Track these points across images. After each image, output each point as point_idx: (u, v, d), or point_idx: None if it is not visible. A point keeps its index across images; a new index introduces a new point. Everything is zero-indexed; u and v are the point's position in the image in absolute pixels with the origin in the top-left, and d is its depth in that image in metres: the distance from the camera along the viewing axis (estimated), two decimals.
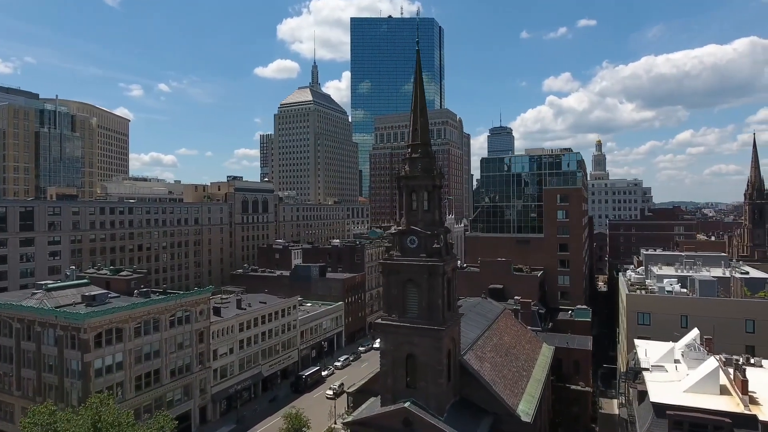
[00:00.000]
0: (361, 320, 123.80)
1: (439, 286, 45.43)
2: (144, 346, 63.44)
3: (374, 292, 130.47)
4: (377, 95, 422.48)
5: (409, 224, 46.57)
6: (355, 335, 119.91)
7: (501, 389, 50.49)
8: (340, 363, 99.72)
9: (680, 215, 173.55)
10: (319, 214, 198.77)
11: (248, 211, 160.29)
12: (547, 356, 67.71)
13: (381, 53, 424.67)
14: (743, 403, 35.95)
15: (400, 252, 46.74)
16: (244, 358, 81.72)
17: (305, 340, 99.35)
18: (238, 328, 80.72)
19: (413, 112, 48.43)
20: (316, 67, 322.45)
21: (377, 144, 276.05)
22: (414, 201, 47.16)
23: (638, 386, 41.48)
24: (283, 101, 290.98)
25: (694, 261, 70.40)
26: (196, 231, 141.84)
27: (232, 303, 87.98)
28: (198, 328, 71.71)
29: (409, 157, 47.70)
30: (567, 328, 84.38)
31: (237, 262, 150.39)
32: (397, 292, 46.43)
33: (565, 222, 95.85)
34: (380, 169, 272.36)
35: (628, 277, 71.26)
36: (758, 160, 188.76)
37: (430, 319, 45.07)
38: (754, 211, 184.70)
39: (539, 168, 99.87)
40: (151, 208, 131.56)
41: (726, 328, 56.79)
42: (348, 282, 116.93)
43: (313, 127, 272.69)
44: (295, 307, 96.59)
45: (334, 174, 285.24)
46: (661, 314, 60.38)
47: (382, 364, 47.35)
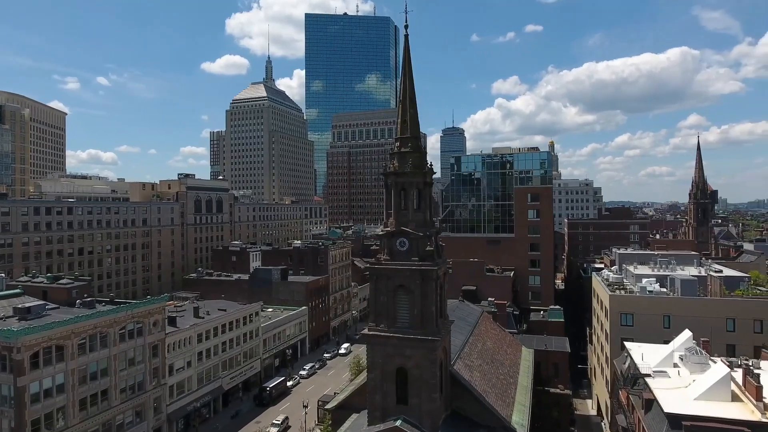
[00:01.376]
0: (326, 325, 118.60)
1: (432, 292, 41.68)
2: (89, 365, 55.91)
3: (338, 295, 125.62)
4: (331, 94, 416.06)
5: (399, 225, 42.50)
6: (319, 341, 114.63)
7: (493, 400, 47.43)
8: (306, 371, 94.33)
9: (634, 215, 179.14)
10: (277, 214, 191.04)
11: (201, 211, 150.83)
12: (528, 360, 65.64)
13: (335, 51, 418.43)
14: (759, 411, 34.34)
15: (389, 255, 42.60)
16: (203, 372, 74.95)
17: (268, 348, 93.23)
18: (197, 339, 73.87)
19: (401, 102, 44.42)
20: (271, 63, 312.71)
21: (335, 142, 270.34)
22: (404, 200, 43.19)
23: (644, 394, 39.30)
24: (235, 97, 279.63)
25: (669, 260, 70.59)
26: (145, 233, 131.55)
27: (188, 311, 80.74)
28: (152, 341, 64.53)
29: (397, 152, 43.64)
30: (542, 330, 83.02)
31: (190, 266, 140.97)
32: (386, 300, 42.27)
33: (536, 221, 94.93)
34: (338, 168, 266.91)
35: (606, 277, 70.49)
36: (702, 162, 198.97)
37: (424, 328, 41.22)
38: (698, 210, 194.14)
39: (510, 167, 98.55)
40: (93, 208, 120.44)
41: (708, 328, 56.38)
42: (312, 285, 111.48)
43: (267, 124, 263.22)
44: (257, 314, 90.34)
45: (289, 173, 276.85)
46: (644, 315, 59.59)
47: (370, 378, 43.07)
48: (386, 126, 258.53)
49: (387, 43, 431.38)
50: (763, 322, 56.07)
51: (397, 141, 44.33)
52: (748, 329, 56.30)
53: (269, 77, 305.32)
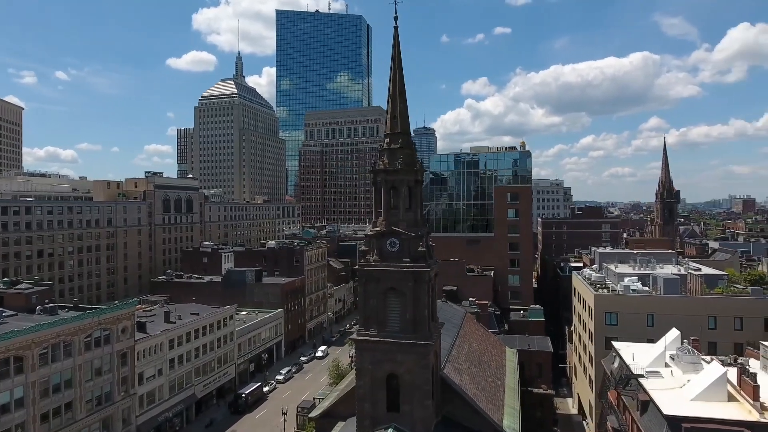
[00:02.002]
0: (301, 327, 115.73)
1: (425, 294, 40.06)
2: (52, 376, 51.94)
3: (314, 296, 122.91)
4: (302, 92, 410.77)
5: (389, 225, 40.68)
6: (295, 344, 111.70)
7: (484, 404, 46.23)
8: (283, 376, 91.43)
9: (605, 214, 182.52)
10: (249, 214, 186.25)
11: (170, 210, 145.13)
12: (513, 361, 64.97)
13: (306, 49, 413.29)
14: (756, 410, 34.06)
15: (379, 257, 40.73)
16: (175, 379, 71.30)
17: (243, 353, 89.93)
18: (168, 345, 70.17)
19: (391, 97, 42.58)
20: (241, 59, 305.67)
21: (307, 141, 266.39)
22: (394, 198, 41.41)
23: (639, 395, 38.69)
24: (204, 93, 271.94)
25: (648, 259, 71.24)
26: (110, 233, 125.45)
27: (158, 316, 76.86)
28: (120, 348, 60.72)
29: (387, 148, 41.80)
30: (523, 329, 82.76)
31: (158, 268, 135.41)
32: (376, 303, 40.39)
33: (516, 221, 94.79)
34: (311, 167, 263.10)
35: (587, 276, 70.54)
36: (668, 163, 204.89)
37: (416, 332, 39.55)
38: (664, 210, 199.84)
39: (489, 166, 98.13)
40: (53, 208, 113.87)
41: (690, 326, 56.65)
42: (287, 287, 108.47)
43: (237, 122, 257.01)
44: (231, 318, 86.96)
45: (260, 171, 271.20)
46: (628, 313, 59.62)
47: (359, 385, 41.09)
48: (360, 125, 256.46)
49: (359, 42, 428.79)
50: (743, 319, 56.87)
51: (386, 137, 42.49)
52: (729, 327, 56.97)
53: (239, 74, 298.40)
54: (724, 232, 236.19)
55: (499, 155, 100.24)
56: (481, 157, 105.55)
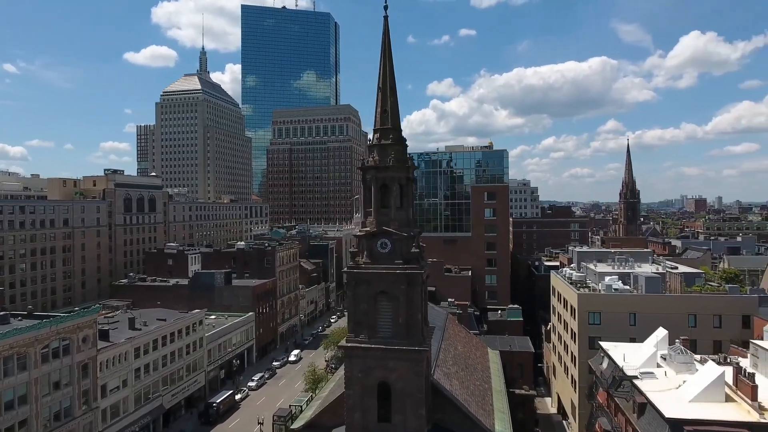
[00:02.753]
0: (273, 331, 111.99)
1: (418, 297, 38.18)
2: (4, 392, 47.27)
3: (285, 298, 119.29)
4: (268, 89, 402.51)
5: (380, 225, 38.57)
6: (267, 348, 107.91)
7: (475, 409, 44.79)
8: (255, 383, 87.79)
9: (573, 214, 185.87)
10: (215, 214, 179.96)
11: (132, 210, 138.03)
12: (496, 363, 64.02)
13: (273, 46, 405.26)
14: (755, 411, 33.75)
15: (370, 258, 38.56)
16: (141, 390, 66.86)
17: (213, 359, 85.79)
18: (133, 354, 65.69)
19: (381, 90, 40.46)
20: (205, 54, 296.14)
21: (275, 139, 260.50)
22: (385, 196, 39.32)
23: (636, 397, 37.96)
24: (166, 89, 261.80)
25: (626, 258, 71.77)
26: (66, 234, 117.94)
27: (122, 323, 72.06)
28: (81, 359, 56.18)
29: (377, 144, 39.65)
30: (502, 330, 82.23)
31: (119, 271, 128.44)
32: (366, 308, 38.21)
33: (493, 220, 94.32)
34: (279, 166, 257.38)
35: (568, 275, 70.41)
36: (631, 164, 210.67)
37: (409, 338, 37.61)
38: (628, 209, 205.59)
39: (465, 165, 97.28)
40: (3, 207, 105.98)
41: (671, 324, 56.98)
42: (258, 289, 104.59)
43: (202, 119, 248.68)
44: (201, 323, 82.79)
45: (226, 170, 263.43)
46: (612, 313, 59.55)
47: (348, 395, 38.82)
48: (329, 123, 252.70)
49: (327, 40, 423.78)
50: (722, 317, 57.67)
51: (376, 132, 40.33)
52: (708, 324, 57.67)
53: (203, 69, 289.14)
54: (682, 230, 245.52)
55: (476, 154, 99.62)
56: (456, 156, 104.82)
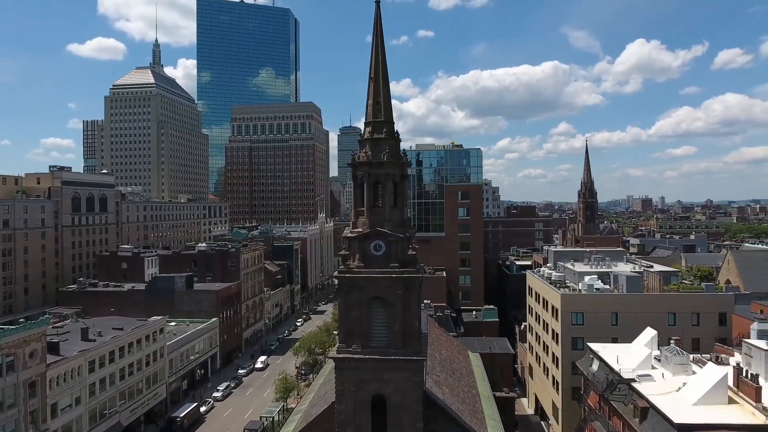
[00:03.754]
0: (238, 337, 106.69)
1: (416, 303, 35.66)
2: None
3: (250, 302, 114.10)
4: (225, 86, 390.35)
5: (373, 225, 35.74)
6: (231, 355, 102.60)
7: (468, 418, 42.64)
8: (220, 393, 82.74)
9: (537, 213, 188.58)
10: (171, 214, 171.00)
11: (81, 210, 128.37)
12: (479, 366, 62.40)
13: (230, 41, 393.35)
14: (761, 413, 33.14)
15: (362, 261, 35.66)
16: (97, 407, 61.05)
17: (174, 369, 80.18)
18: (87, 368, 59.82)
19: (373, 80, 37.63)
20: (159, 47, 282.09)
21: (234, 136, 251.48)
22: (378, 195, 36.54)
23: (638, 401, 36.84)
24: (116, 82, 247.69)
25: (602, 257, 72.01)
26: (6, 236, 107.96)
27: (73, 333, 65.74)
28: (27, 377, 50.27)
29: (369, 138, 36.81)
30: (478, 331, 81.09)
31: (66, 276, 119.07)
32: (359, 315, 35.30)
33: (467, 220, 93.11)
34: (238, 164, 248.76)
35: (547, 275, 69.81)
36: (590, 164, 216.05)
37: (406, 346, 35.00)
38: (586, 209, 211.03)
39: (439, 163, 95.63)
40: None
41: (651, 323, 56.97)
42: (223, 293, 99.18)
43: (155, 114, 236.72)
44: (162, 331, 77.12)
45: (181, 168, 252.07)
46: (594, 313, 59.14)
47: (340, 410, 35.78)
48: (291, 121, 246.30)
49: (286, 36, 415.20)
50: (700, 315, 58.32)
51: (367, 126, 37.46)
52: (687, 322, 58.16)
53: (157, 62, 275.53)
54: (635, 229, 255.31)
55: (447, 153, 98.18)
56: (427, 154, 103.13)
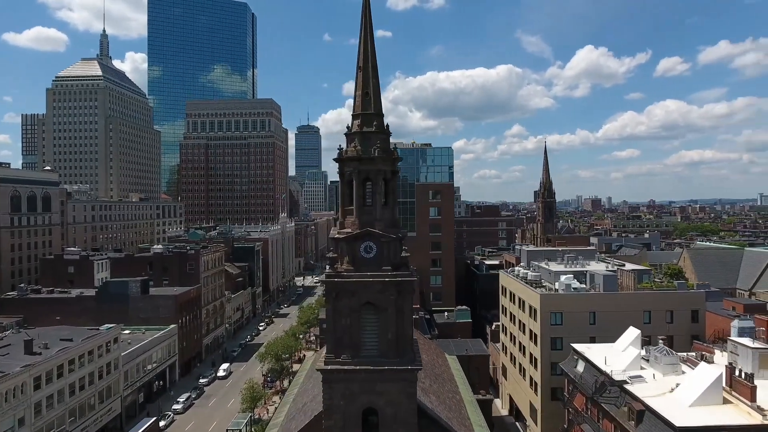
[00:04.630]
0: (198, 343, 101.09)
1: (409, 308, 33.32)
2: None
3: (211, 307, 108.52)
4: (178, 81, 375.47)
5: (363, 225, 33.15)
6: (191, 363, 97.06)
7: (458, 427, 40.84)
8: (181, 405, 77.61)
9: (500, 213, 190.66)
10: (122, 214, 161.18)
11: (21, 210, 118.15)
12: (459, 369, 60.84)
13: (183, 35, 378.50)
14: (756, 412, 32.95)
15: (352, 265, 33.00)
16: (43, 428, 55.27)
17: (130, 382, 74.50)
18: (33, 385, 53.99)
19: (362, 69, 34.99)
20: (107, 38, 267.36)
21: (189, 133, 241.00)
22: (368, 193, 33.96)
23: (633, 404, 36.05)
24: (60, 73, 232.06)
25: (575, 256, 72.21)
26: None
27: (15, 346, 59.48)
28: None
29: (359, 132, 34.18)
30: (453, 332, 79.81)
31: (5, 282, 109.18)
32: (349, 322, 32.62)
33: (438, 219, 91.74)
34: (193, 162, 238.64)
35: (522, 275, 69.23)
36: (548, 165, 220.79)
37: (400, 355, 32.64)
38: (545, 209, 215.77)
39: (409, 162, 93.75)
40: None
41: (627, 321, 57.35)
42: (182, 298, 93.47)
43: (103, 108, 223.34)
44: (116, 340, 71.37)
45: (131, 166, 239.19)
46: (573, 313, 58.82)
47: (328, 426, 32.94)
48: (250, 117, 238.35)
49: (243, 31, 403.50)
50: (674, 312, 59.07)
51: (356, 118, 34.81)
52: (662, 320, 58.81)
53: (105, 53, 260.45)
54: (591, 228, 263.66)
55: (419, 151, 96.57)
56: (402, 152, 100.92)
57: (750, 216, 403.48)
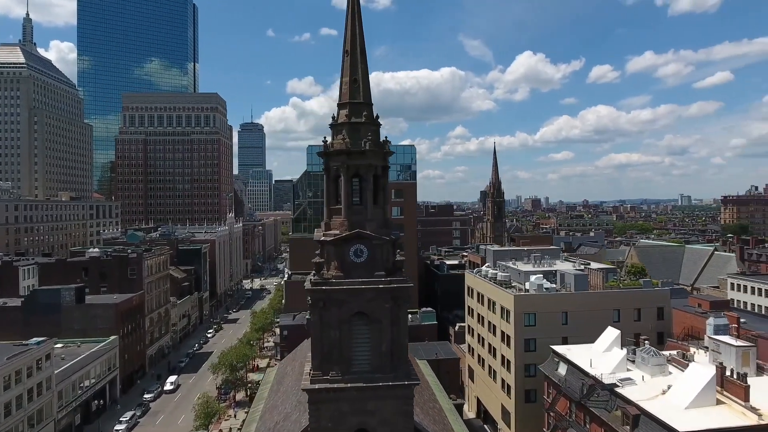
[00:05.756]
0: (141, 355, 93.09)
1: (404, 318, 30.34)
2: None
3: (155, 315, 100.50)
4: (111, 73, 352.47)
5: (353, 226, 29.82)
6: (133, 377, 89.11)
7: None
8: (125, 425, 70.46)
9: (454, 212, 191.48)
10: (51, 215, 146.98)
11: None
12: (432, 375, 58.59)
13: (118, 24, 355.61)
14: (751, 412, 32.68)
15: (341, 270, 29.58)
16: None
17: (65, 402, 66.65)
18: None
19: (349, 54, 31.63)
20: (30, 23, 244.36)
21: (126, 127, 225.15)
22: (358, 190, 30.66)
23: (628, 408, 34.98)
24: None
25: (542, 256, 72.01)
26: None
27: None
28: None
29: (347, 122, 30.80)
30: (419, 336, 77.50)
31: None
32: (339, 336, 29.17)
33: (401, 219, 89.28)
34: (130, 159, 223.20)
35: (491, 275, 68.01)
36: (498, 166, 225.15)
37: (395, 370, 29.62)
38: (494, 208, 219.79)
39: None
40: None
41: (597, 320, 57.58)
42: (123, 306, 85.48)
43: (27, 99, 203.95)
44: (48, 357, 63.47)
45: (59, 162, 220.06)
46: (546, 313, 58.11)
47: None
48: (193, 113, 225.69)
49: (183, 23, 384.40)
50: (641, 310, 59.79)
51: (343, 108, 31.41)
52: (630, 318, 59.31)
53: (28, 40, 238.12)
54: (536, 227, 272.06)
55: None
56: None
57: (676, 215, 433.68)
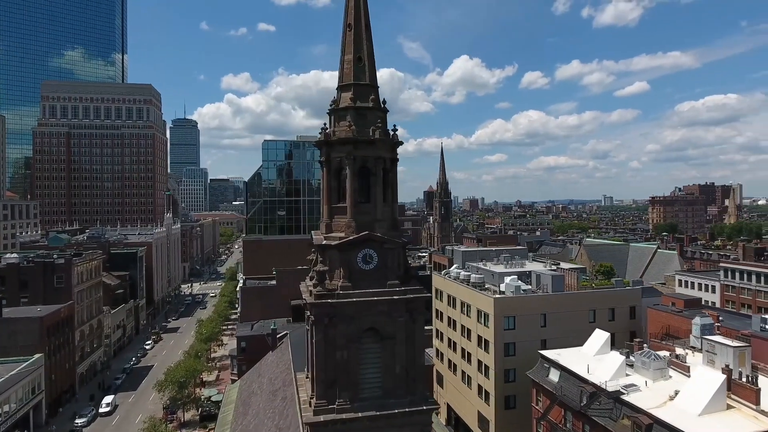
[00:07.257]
0: (70, 374, 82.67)
1: (421, 333, 26.57)
2: None
3: (86, 327, 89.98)
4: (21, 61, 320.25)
5: (360, 228, 25.61)
6: (62, 399, 78.69)
7: None
8: None
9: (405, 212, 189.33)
10: None
11: None
12: None
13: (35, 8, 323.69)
14: (764, 416, 31.78)
15: (348, 279, 25.24)
16: None
17: None
18: None
19: (353, 28, 27.40)
20: None
21: (45, 119, 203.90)
22: (366, 186, 26.43)
23: (640, 417, 33.24)
24: None
25: (511, 256, 70.64)
26: None
27: None
28: None
29: (352, 107, 26.57)
30: None
31: None
32: (347, 356, 24.80)
33: None
34: (51, 154, 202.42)
35: (463, 277, 65.57)
36: (444, 166, 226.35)
37: (411, 393, 25.82)
38: (441, 207, 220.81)
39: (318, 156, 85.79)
40: None
41: (573, 321, 56.89)
42: (49, 320, 75.21)
43: None
44: None
45: None
46: (525, 316, 56.35)
47: None
48: (124, 104, 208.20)
49: (111, 10, 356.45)
50: (615, 310, 59.61)
51: (345, 90, 27.12)
52: (605, 318, 58.90)
53: None
54: (480, 226, 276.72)
55: None
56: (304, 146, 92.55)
57: (603, 215, 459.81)
